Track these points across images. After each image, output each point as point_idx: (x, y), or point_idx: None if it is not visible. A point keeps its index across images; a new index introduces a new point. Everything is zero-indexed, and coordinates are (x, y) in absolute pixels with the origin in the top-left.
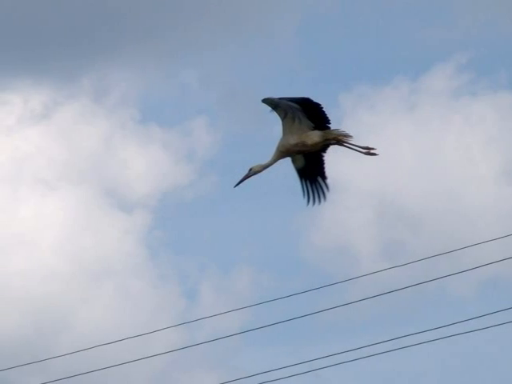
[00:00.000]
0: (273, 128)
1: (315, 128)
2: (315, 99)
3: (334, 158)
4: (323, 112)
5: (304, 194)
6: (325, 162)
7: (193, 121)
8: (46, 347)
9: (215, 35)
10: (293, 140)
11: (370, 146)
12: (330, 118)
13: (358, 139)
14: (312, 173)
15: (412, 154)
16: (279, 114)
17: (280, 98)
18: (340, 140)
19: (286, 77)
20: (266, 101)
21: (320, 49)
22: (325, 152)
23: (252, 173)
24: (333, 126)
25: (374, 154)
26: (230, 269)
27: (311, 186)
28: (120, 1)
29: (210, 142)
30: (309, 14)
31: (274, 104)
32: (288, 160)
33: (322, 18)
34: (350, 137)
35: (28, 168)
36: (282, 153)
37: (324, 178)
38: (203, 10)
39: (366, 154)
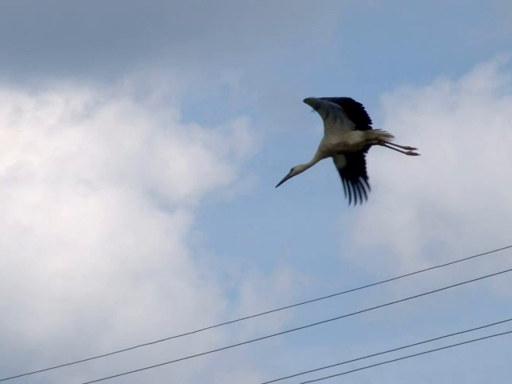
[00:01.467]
0: (314, 128)
1: (357, 128)
2: (357, 99)
3: (375, 158)
4: (365, 112)
5: (346, 194)
6: (366, 161)
7: (234, 121)
8: (87, 347)
9: (257, 35)
10: (334, 140)
11: (412, 146)
12: (371, 118)
13: (400, 139)
14: (354, 173)
15: (453, 154)
16: (321, 114)
17: (322, 98)
18: (381, 140)
19: (328, 77)
20: (308, 101)
21: (361, 48)
22: (366, 152)
23: (293, 173)
24: (374, 125)
25: (415, 154)
26: (272, 269)
27: (353, 186)
28: (162, 1)
29: (251, 142)
30: (350, 14)
31: (315, 104)
32: (330, 160)
33: (364, 18)
34: (392, 137)
35: (69, 168)
36: (323, 153)
37: (366, 177)
38: (245, 11)
39: (407, 154)
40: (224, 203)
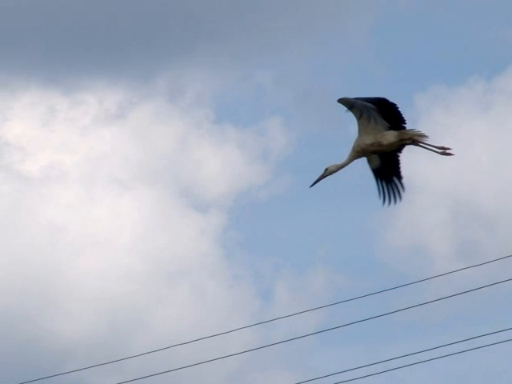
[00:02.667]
0: (348, 128)
1: (391, 128)
2: (390, 99)
3: (409, 158)
4: (399, 112)
5: (379, 194)
6: (400, 161)
7: (268, 121)
8: (121, 347)
9: (290, 35)
10: (368, 140)
11: (446, 146)
12: (405, 118)
13: (434, 139)
14: (388, 173)
15: (487, 154)
16: (355, 114)
17: (356, 98)
18: (415, 140)
19: (362, 76)
20: (342, 101)
21: (395, 48)
22: (400, 152)
23: (327, 173)
24: (408, 126)
25: (449, 154)
26: (305, 269)
27: (387, 186)
28: (196, 1)
29: (284, 142)
30: (383, 14)
31: (349, 104)
32: (364, 160)
33: (397, 18)
34: (426, 137)
35: (103, 168)
36: (357, 153)
37: (399, 177)
38: (279, 11)
39: (441, 154)
40: (257, 203)
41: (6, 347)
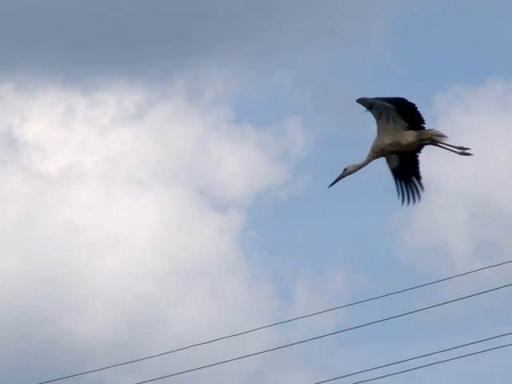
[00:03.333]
0: (367, 128)
1: (410, 128)
2: (410, 99)
3: (428, 158)
4: (418, 112)
5: (399, 194)
6: (419, 161)
7: (287, 121)
8: (140, 347)
9: (309, 35)
10: (387, 140)
11: (465, 146)
12: (424, 118)
13: (452, 139)
14: (407, 173)
15: (506, 154)
16: (374, 114)
17: (375, 98)
18: (434, 140)
19: (381, 76)
20: (361, 101)
21: (414, 48)
22: (419, 152)
23: (346, 173)
24: (427, 126)
25: (468, 154)
26: (325, 268)
27: (406, 186)
28: (215, 1)
29: (304, 142)
30: (403, 14)
31: (368, 104)
32: (383, 160)
33: (416, 17)
34: (445, 137)
35: (122, 168)
36: (376, 153)
37: (419, 177)
38: (298, 11)
39: (460, 154)
40: (277, 203)
41: (25, 347)
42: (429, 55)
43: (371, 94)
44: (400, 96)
